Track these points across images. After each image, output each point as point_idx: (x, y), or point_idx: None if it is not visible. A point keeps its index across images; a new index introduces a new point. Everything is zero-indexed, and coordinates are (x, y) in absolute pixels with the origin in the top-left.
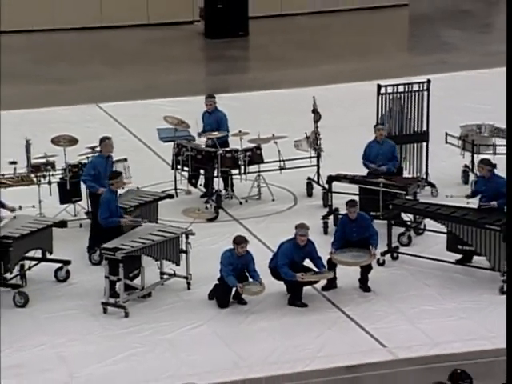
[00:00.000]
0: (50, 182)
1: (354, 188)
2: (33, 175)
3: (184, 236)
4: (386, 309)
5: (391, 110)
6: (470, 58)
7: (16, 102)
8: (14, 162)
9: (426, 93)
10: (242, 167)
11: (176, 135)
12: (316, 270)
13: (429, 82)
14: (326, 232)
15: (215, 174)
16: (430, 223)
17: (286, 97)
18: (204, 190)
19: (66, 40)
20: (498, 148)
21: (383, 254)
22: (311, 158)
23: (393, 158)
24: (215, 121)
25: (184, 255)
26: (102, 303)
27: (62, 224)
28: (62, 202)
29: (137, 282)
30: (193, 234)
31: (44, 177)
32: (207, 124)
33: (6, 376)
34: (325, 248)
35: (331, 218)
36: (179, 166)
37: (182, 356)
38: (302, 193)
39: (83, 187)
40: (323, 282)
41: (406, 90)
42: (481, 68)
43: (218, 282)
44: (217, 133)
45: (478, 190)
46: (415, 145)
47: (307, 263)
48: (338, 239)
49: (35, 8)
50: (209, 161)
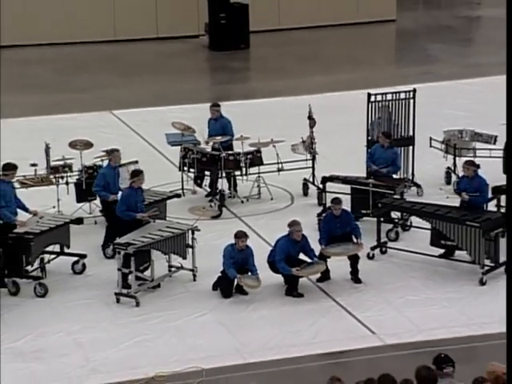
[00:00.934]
0: (67, 183)
1: (346, 188)
2: (52, 176)
3: (190, 232)
4: (376, 298)
5: (380, 116)
6: (451, 69)
7: (37, 109)
8: (35, 164)
9: (411, 101)
10: (244, 169)
11: (183, 139)
12: (309, 261)
13: (414, 90)
14: (320, 228)
15: (219, 175)
16: (415, 220)
17: (284, 104)
18: (208, 189)
19: (83, 53)
20: (477, 151)
21: (373, 249)
22: (307, 160)
23: (394, 164)
24: (221, 127)
25: (190, 250)
26: (115, 293)
27: (79, 221)
28: (78, 200)
29: (147, 274)
30: (198, 230)
31: (62, 178)
32: (213, 130)
33: (29, 360)
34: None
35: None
36: (186, 168)
37: (188, 342)
38: (298, 192)
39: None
40: (318, 274)
41: (394, 98)
42: (462, 78)
43: (221, 275)
44: (220, 137)
45: (462, 187)
46: (402, 148)
47: (301, 256)
48: (324, 235)
49: (56, 24)
50: (213, 163)
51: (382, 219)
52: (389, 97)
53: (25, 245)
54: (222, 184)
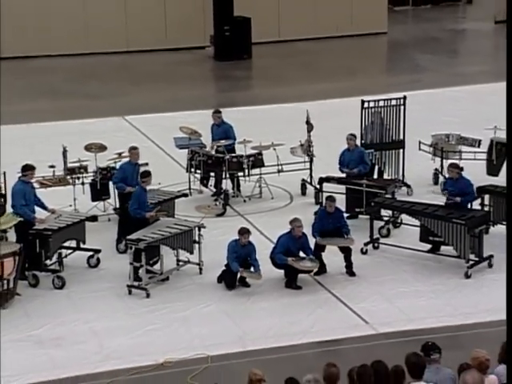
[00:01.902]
0: (83, 183)
1: (342, 188)
2: (69, 177)
3: (197, 229)
4: (368, 290)
5: (373, 121)
6: (439, 78)
7: (56, 114)
8: (53, 166)
9: (402, 107)
10: (246, 170)
11: (190, 143)
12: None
13: (405, 98)
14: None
15: (223, 176)
16: (405, 218)
17: (284, 110)
18: (214, 189)
19: (98, 62)
20: (463, 154)
21: (366, 244)
22: (305, 162)
23: (362, 162)
24: (223, 131)
25: (197, 245)
26: (127, 286)
27: (93, 218)
28: (93, 199)
29: (157, 267)
30: (204, 227)
31: (78, 178)
32: (216, 134)
33: (48, 346)
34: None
35: None
36: (193, 169)
37: (194, 330)
38: (296, 192)
39: (111, 187)
40: (315, 269)
41: (386, 104)
42: (448, 86)
43: (225, 268)
44: (224, 141)
45: (448, 188)
46: (393, 151)
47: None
48: (317, 229)
49: (73, 36)
50: (218, 165)
51: (374, 217)
52: (381, 103)
53: (44, 240)
54: (226, 184)
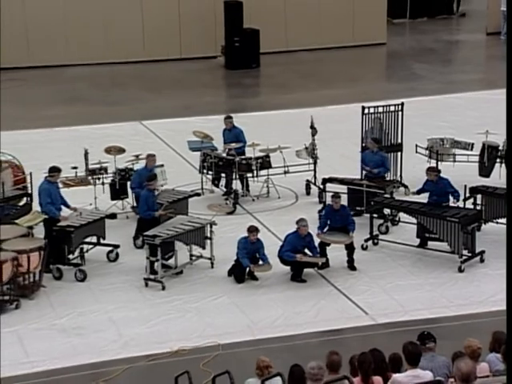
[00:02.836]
0: (103, 183)
1: (343, 188)
2: (90, 178)
3: (209, 226)
4: (368, 284)
5: (373, 126)
6: (434, 85)
7: (78, 119)
8: (75, 168)
9: (400, 113)
10: (255, 171)
11: (202, 146)
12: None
13: (402, 104)
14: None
15: (233, 176)
16: (403, 216)
17: (290, 116)
18: (224, 189)
19: (117, 71)
20: (457, 157)
21: (366, 241)
22: (309, 164)
23: (382, 166)
24: (234, 136)
25: (208, 241)
26: (144, 278)
27: (113, 216)
28: (112, 198)
29: (171, 262)
30: (215, 225)
31: (98, 179)
32: (228, 139)
33: (70, 335)
34: None
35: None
36: (205, 171)
37: (206, 320)
38: (301, 192)
39: (129, 189)
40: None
41: (385, 110)
42: (443, 93)
43: (235, 263)
44: (234, 144)
45: (428, 189)
46: (392, 154)
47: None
48: (322, 225)
49: (94, 46)
50: (228, 166)
51: (374, 215)
52: (380, 109)
53: (67, 236)
54: (236, 184)
